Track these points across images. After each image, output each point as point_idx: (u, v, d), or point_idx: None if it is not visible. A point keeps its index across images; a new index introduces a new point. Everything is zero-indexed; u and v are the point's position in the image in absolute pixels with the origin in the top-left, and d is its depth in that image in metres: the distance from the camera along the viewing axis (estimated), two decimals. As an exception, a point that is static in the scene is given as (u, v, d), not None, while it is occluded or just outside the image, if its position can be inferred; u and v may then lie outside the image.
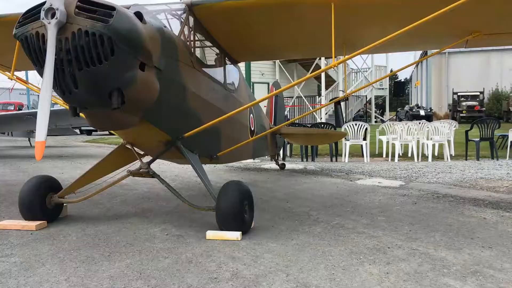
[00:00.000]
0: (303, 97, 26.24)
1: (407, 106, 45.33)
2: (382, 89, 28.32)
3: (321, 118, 24.11)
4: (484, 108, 36.09)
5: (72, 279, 3.24)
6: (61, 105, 6.40)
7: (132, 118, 4.17)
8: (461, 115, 34.76)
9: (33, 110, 13.66)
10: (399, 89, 32.04)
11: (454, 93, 38.00)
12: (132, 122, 4.22)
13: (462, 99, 36.21)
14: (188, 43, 5.09)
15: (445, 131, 11.54)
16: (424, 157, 11.44)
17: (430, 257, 3.69)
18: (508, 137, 11.66)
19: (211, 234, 4.25)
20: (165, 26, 4.69)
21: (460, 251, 3.84)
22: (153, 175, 4.89)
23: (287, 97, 26.29)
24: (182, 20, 5.13)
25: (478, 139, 11.18)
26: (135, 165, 5.15)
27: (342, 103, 24.29)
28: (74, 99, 3.81)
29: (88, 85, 3.70)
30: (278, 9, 4.99)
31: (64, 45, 3.55)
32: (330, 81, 27.01)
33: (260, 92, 25.23)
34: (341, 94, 25.34)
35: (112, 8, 3.63)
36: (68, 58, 3.59)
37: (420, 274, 3.30)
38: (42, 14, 3.49)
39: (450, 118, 39.13)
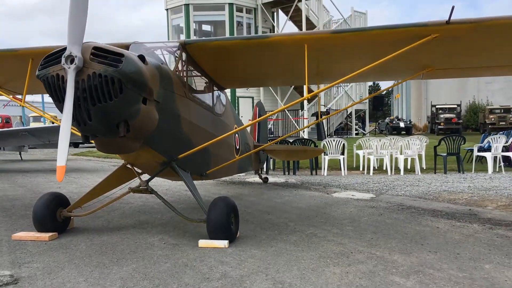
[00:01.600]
0: (286, 111, 27.12)
1: (387, 118, 46.70)
2: (362, 103, 29.38)
3: (303, 132, 24.95)
4: (461, 120, 37.45)
5: (90, 280, 3.95)
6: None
7: (135, 143, 4.90)
8: (439, 127, 35.98)
9: (29, 127, 14.23)
10: (378, 103, 33.15)
11: (432, 106, 39.40)
12: (135, 147, 4.95)
13: (440, 111, 37.45)
14: (181, 75, 5.86)
15: (415, 147, 12.46)
16: (398, 170, 12.32)
17: (384, 260, 4.48)
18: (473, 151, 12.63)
19: (203, 242, 4.98)
20: (162, 63, 5.45)
21: (409, 255, 4.63)
22: (152, 191, 5.60)
23: (270, 111, 27.11)
24: (177, 55, 5.91)
25: (446, 154, 12.11)
26: (134, 182, 5.86)
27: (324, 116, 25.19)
28: (88, 129, 4.53)
29: (100, 118, 4.42)
30: (258, 47, 5.80)
31: (81, 85, 4.28)
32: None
33: (245, 106, 26.07)
34: (322, 109, 26.30)
35: (121, 54, 4.38)
36: (84, 96, 4.31)
37: (374, 273, 4.08)
38: (63, 60, 4.22)
39: (429, 130, 40.61)
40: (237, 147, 7.98)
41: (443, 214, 6.75)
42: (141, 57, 4.69)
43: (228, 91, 7.88)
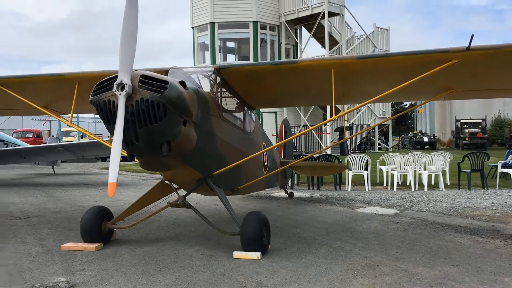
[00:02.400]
0: (310, 126, 27.42)
1: (411, 132, 46.45)
2: (385, 117, 29.46)
3: (326, 147, 25.20)
4: (486, 135, 37.01)
5: (139, 287, 4.36)
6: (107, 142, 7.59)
7: (175, 162, 5.34)
8: (464, 141, 35.66)
9: (65, 143, 14.96)
10: (401, 118, 33.16)
11: (456, 120, 39.10)
12: (175, 165, 5.40)
13: (465, 126, 37.14)
14: (215, 97, 6.30)
15: (439, 163, 12.63)
16: (422, 186, 12.49)
17: (409, 272, 4.76)
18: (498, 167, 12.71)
19: (237, 254, 5.36)
20: (199, 87, 5.91)
21: (433, 268, 4.91)
22: (188, 206, 6.03)
23: (294, 126, 27.49)
24: (211, 79, 6.36)
25: (470, 170, 12.24)
26: (172, 197, 6.29)
27: (347, 132, 25.42)
28: (135, 149, 4.99)
29: (146, 139, 4.88)
30: (287, 72, 6.22)
31: (130, 109, 4.74)
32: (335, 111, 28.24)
33: (269, 121, 26.50)
34: (345, 124, 26.52)
35: (165, 82, 4.84)
36: (132, 119, 4.78)
37: (399, 284, 4.38)
38: (114, 87, 4.70)
39: (454, 144, 40.26)
40: (265, 164, 8.37)
41: (466, 230, 6.97)
42: (182, 83, 5.15)
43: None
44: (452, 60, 5.37)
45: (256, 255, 5.31)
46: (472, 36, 4.99)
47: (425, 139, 39.70)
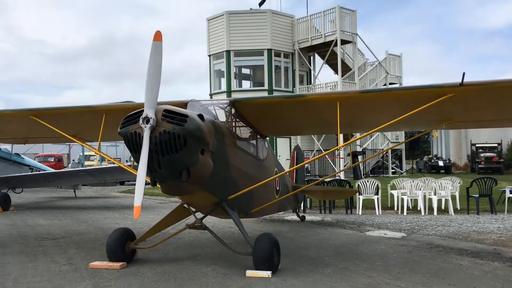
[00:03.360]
0: (323, 151, 27.85)
1: (426, 156, 46.42)
2: (398, 142, 29.74)
3: (337, 172, 25.54)
4: (502, 159, 36.83)
5: (160, 300, 4.85)
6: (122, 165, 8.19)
7: (193, 187, 5.88)
8: (480, 166, 35.58)
9: (87, 168, 15.69)
10: (414, 142, 33.37)
11: (472, 144, 39.08)
12: (193, 190, 5.93)
13: (480, 150, 37.09)
14: (230, 127, 6.87)
15: (448, 187, 12.93)
16: (432, 210, 12.77)
17: (407, 290, 5.17)
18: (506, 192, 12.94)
19: (249, 272, 5.82)
20: (216, 118, 6.49)
21: (430, 287, 5.29)
22: (205, 228, 6.53)
23: (308, 150, 27.96)
24: (227, 111, 6.94)
25: (478, 195, 12.51)
26: (189, 220, 6.81)
27: (360, 156, 25.76)
28: (158, 175, 5.54)
29: (168, 166, 5.43)
30: (296, 104, 6.77)
31: (153, 140, 5.32)
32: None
33: (283, 146, 27.01)
34: (358, 149, 26.93)
35: (185, 115, 5.42)
36: (156, 149, 5.34)
37: (397, 301, 4.79)
38: (140, 120, 5.30)
39: (469, 169, 40.12)
40: (277, 189, 8.85)
41: (468, 253, 7.31)
42: (201, 116, 5.73)
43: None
44: (447, 94, 5.86)
45: (267, 273, 5.76)
46: (464, 74, 5.50)
47: (440, 163, 39.67)
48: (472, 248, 7.70)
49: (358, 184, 13.36)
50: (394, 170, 31.59)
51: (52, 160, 33.11)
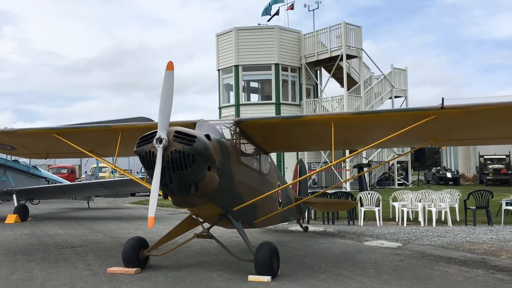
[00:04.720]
0: (330, 163, 28.41)
1: (434, 168, 46.62)
2: (403, 153, 30.15)
3: (346, 183, 26.05)
4: (510, 171, 36.92)
5: (171, 300, 5.49)
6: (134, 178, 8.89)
7: (201, 200, 6.54)
8: (488, 177, 35.76)
9: (101, 180, 16.46)
10: (420, 154, 33.73)
11: (480, 156, 39.26)
12: (201, 203, 6.59)
13: (489, 162, 37.24)
14: (235, 145, 7.53)
15: (447, 200, 13.44)
16: (432, 222, 13.27)
17: (392, 293, 5.75)
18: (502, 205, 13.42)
19: (251, 277, 6.45)
20: (221, 137, 7.16)
21: (414, 291, 5.88)
22: (212, 237, 7.18)
23: (315, 162, 28.54)
24: (232, 130, 7.62)
25: (475, 207, 13.00)
26: (197, 230, 7.46)
27: (365, 168, 26.24)
28: (169, 190, 6.21)
29: (178, 181, 6.10)
30: (295, 124, 7.43)
31: (166, 158, 6.00)
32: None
33: (290, 159, 27.60)
34: (364, 161, 27.44)
35: (194, 136, 6.10)
36: (167, 166, 6.02)
37: (381, 302, 5.38)
38: (154, 141, 5.99)
39: (478, 180, 40.24)
40: (280, 201, 9.48)
41: (456, 261, 7.85)
42: (208, 136, 6.41)
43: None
44: (430, 116, 6.48)
45: (267, 278, 6.38)
46: (443, 99, 6.12)
47: (448, 174, 39.80)
48: (461, 257, 8.23)
49: (360, 196, 13.92)
50: (401, 182, 31.98)
51: (65, 172, 34.06)
